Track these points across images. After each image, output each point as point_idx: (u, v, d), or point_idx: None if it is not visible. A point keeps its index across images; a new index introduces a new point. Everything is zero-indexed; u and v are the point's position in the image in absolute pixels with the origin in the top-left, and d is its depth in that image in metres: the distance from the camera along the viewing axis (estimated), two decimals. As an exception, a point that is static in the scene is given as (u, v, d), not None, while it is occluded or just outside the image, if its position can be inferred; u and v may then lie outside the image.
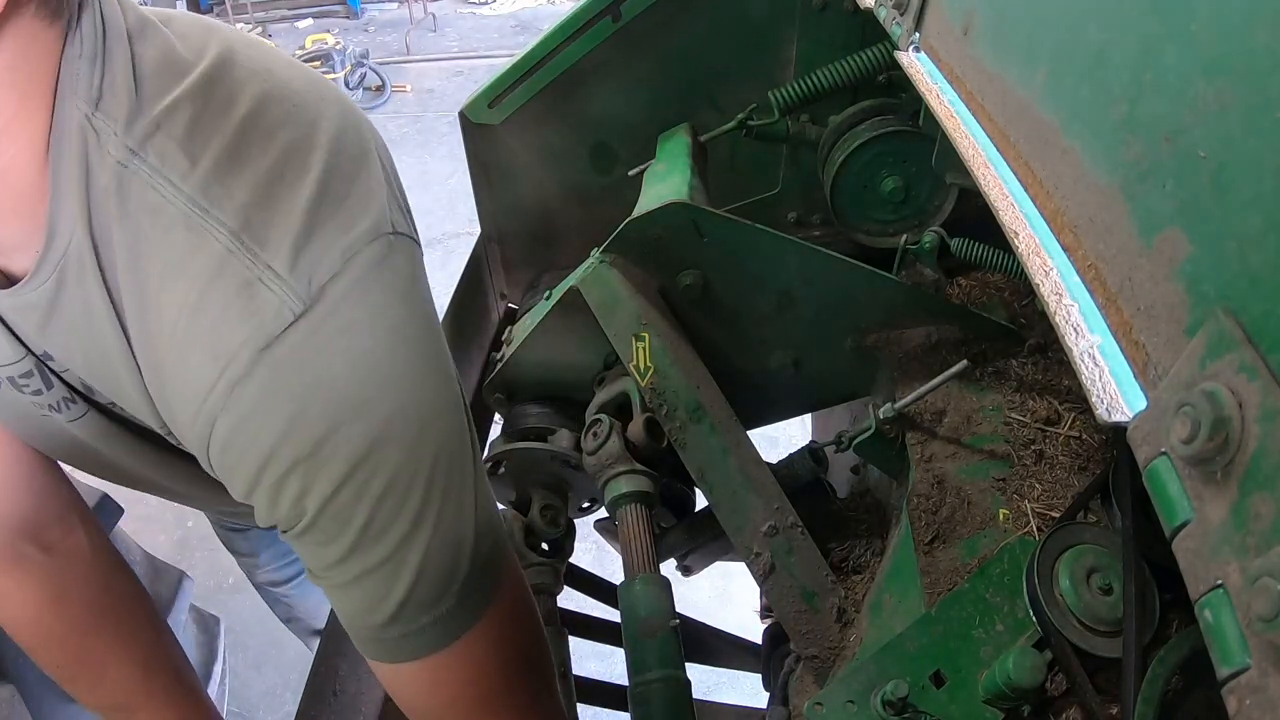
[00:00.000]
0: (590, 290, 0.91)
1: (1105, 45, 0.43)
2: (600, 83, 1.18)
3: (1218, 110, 0.34)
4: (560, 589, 1.07)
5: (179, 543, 2.69)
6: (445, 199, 4.38)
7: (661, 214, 0.88)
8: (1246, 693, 0.29)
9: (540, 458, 1.02)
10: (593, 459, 0.92)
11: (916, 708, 0.62)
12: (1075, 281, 0.43)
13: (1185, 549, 0.33)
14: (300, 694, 0.85)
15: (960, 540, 0.74)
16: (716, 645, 1.31)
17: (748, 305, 0.93)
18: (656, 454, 0.92)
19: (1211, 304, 0.33)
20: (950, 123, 0.60)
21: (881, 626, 0.74)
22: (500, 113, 1.19)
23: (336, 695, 0.87)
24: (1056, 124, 0.47)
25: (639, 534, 0.85)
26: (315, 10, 6.80)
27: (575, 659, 1.05)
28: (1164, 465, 0.34)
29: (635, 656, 0.76)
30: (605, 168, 1.26)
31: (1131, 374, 0.38)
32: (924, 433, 0.84)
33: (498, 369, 1.05)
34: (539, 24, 6.50)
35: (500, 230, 1.34)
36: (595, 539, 2.42)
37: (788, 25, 1.13)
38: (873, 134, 1.06)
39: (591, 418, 0.95)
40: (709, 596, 2.35)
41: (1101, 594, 0.61)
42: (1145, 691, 0.54)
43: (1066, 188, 0.45)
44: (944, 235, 1.03)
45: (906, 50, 0.72)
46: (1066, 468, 0.77)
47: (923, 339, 0.93)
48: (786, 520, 0.83)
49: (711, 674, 2.12)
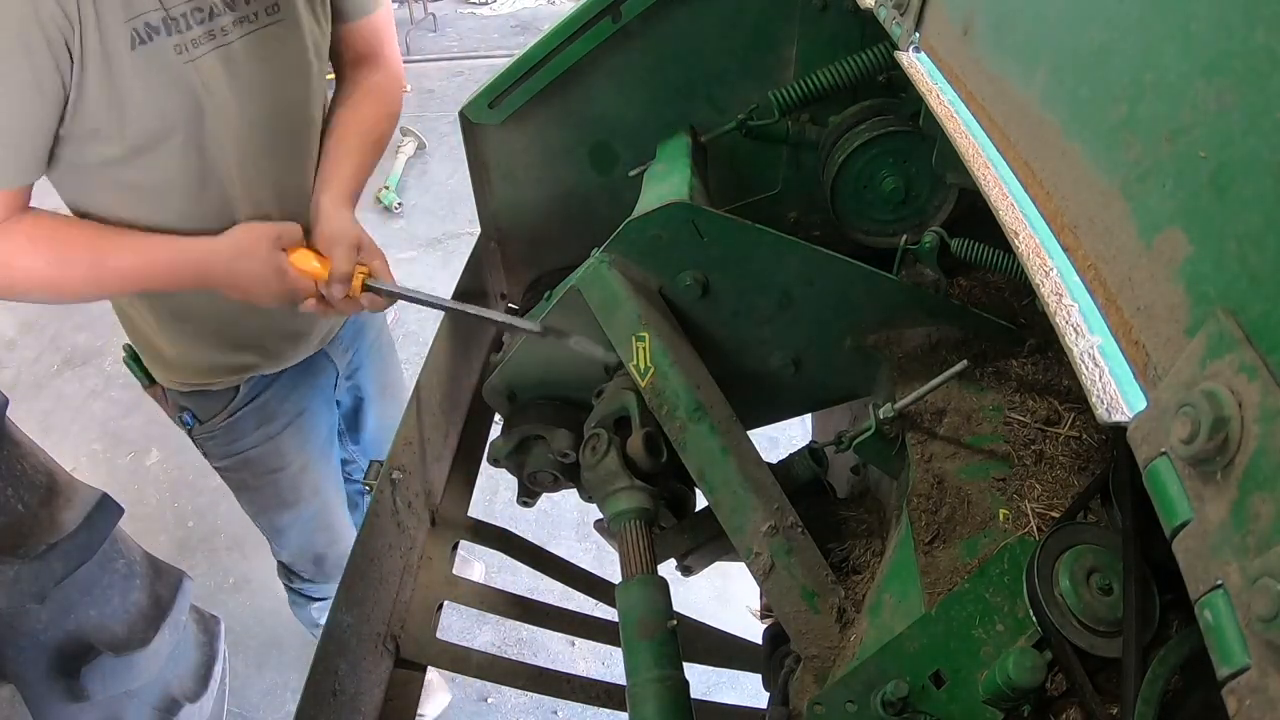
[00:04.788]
0: (590, 290, 0.91)
1: (1105, 45, 0.43)
2: (600, 83, 1.18)
3: (1218, 110, 0.34)
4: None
5: (179, 543, 2.69)
6: (445, 199, 4.38)
7: (661, 214, 0.88)
8: (1246, 693, 0.29)
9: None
10: (591, 474, 0.91)
11: (916, 708, 0.62)
12: (1075, 281, 0.43)
13: (1185, 549, 0.33)
14: (300, 694, 0.85)
15: (960, 540, 0.74)
16: (716, 645, 1.31)
17: (748, 305, 0.93)
18: (655, 469, 0.91)
19: (1211, 304, 0.33)
20: (950, 123, 0.60)
21: (881, 626, 0.74)
22: (500, 113, 1.19)
23: (336, 695, 0.87)
24: (1056, 124, 0.47)
25: (639, 550, 0.85)
26: (315, 10, 6.80)
27: (575, 659, 1.05)
28: (1164, 465, 0.34)
29: (633, 657, 0.76)
30: (605, 168, 1.26)
31: (1131, 374, 0.38)
32: (924, 433, 0.84)
33: (498, 369, 1.05)
34: (539, 24, 6.49)
35: (500, 230, 1.34)
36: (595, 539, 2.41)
37: (788, 25, 1.13)
38: (873, 134, 1.06)
39: (590, 432, 0.94)
40: (709, 596, 2.35)
41: (1101, 594, 0.61)
42: (1145, 691, 0.54)
43: (1066, 188, 0.45)
44: (944, 235, 1.03)
45: (906, 50, 0.72)
46: (1066, 468, 0.77)
47: (923, 339, 0.93)
48: (786, 520, 0.83)
49: (711, 674, 2.12)
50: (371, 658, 0.96)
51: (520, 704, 2.23)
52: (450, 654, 1.10)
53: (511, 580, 2.30)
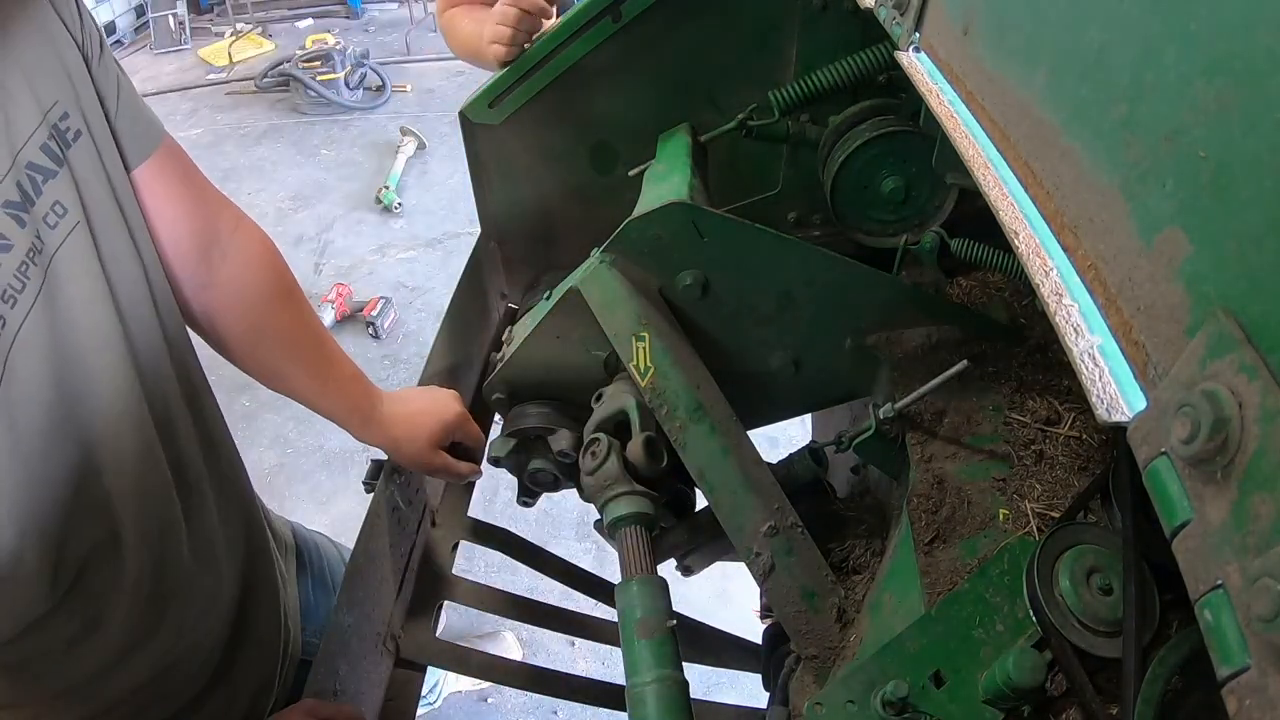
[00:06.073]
0: (590, 290, 0.91)
1: (1105, 45, 0.43)
2: (600, 82, 1.18)
3: (1218, 110, 0.34)
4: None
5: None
6: (445, 199, 4.38)
7: (661, 214, 0.88)
8: (1246, 693, 0.29)
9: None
10: (591, 479, 0.90)
11: (916, 708, 0.62)
12: (1075, 281, 0.43)
13: (1185, 549, 0.33)
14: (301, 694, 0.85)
15: (960, 540, 0.74)
16: (716, 645, 1.31)
17: (748, 305, 0.93)
18: (655, 474, 0.90)
19: (1211, 304, 0.33)
20: (950, 123, 0.60)
21: (881, 626, 0.74)
22: (500, 113, 1.19)
23: (336, 695, 0.87)
24: (1056, 124, 0.47)
25: (639, 556, 0.85)
26: (315, 10, 6.79)
27: (575, 659, 1.05)
28: (1164, 465, 0.34)
29: (632, 657, 0.76)
30: (605, 168, 1.26)
31: (1131, 374, 0.38)
32: (924, 433, 0.84)
33: (498, 369, 1.05)
34: (539, 24, 6.49)
35: (500, 230, 1.34)
36: (595, 539, 2.41)
37: (788, 25, 1.13)
38: (873, 134, 1.06)
39: (590, 436, 0.94)
40: (709, 596, 2.35)
41: (1101, 594, 0.61)
42: (1145, 691, 0.54)
43: (1066, 188, 0.45)
44: (944, 235, 1.03)
45: (906, 50, 0.72)
46: (1066, 468, 0.77)
47: (923, 339, 0.93)
48: (786, 520, 0.83)
49: (711, 674, 2.12)
50: (371, 658, 0.96)
51: (520, 704, 2.23)
52: (450, 654, 1.10)
53: (511, 580, 2.30)
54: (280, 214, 4.35)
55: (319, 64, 5.30)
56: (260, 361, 0.98)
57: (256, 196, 4.50)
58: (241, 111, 5.39)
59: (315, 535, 1.30)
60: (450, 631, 2.34)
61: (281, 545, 1.16)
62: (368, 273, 3.84)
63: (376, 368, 3.33)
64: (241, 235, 0.95)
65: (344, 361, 1.04)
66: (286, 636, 1.06)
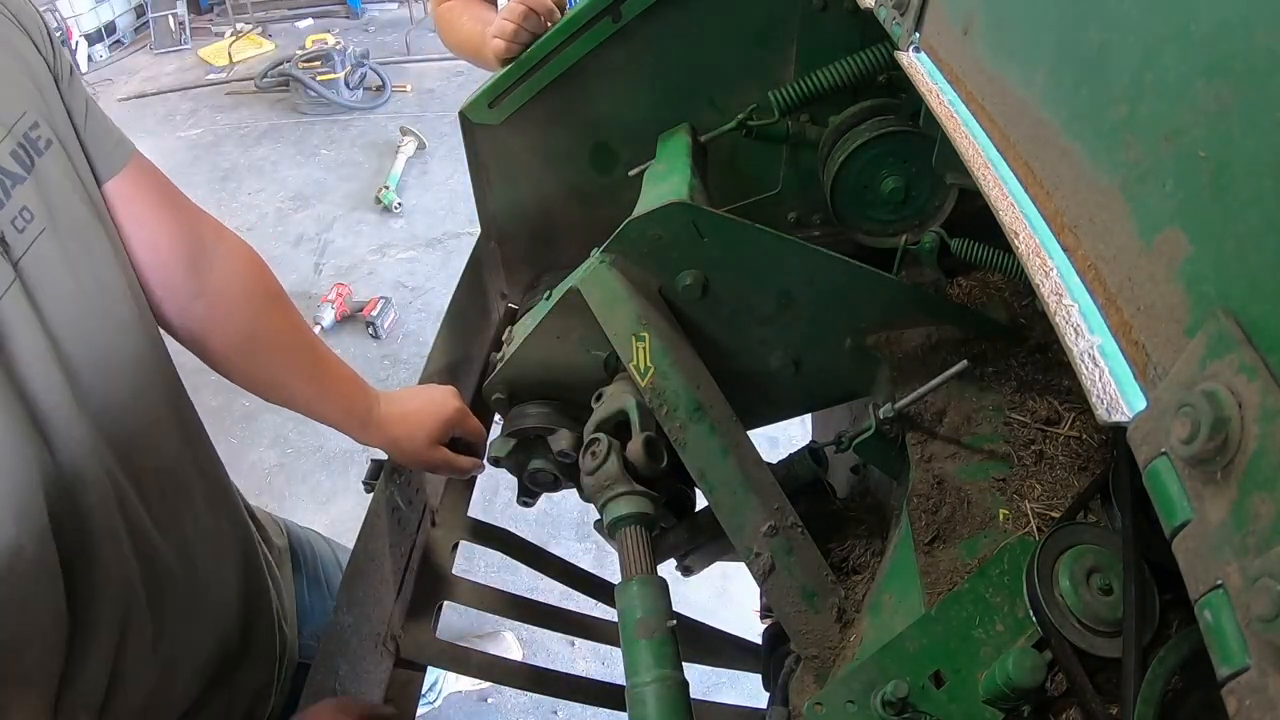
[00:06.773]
0: (590, 290, 0.91)
1: (1105, 45, 0.43)
2: (600, 83, 1.18)
3: (1218, 110, 0.34)
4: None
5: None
6: (445, 199, 4.38)
7: (661, 214, 0.88)
8: (1246, 693, 0.29)
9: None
10: (591, 479, 0.90)
11: (916, 708, 0.62)
12: (1075, 282, 0.43)
13: (1185, 549, 0.33)
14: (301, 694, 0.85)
15: (960, 540, 0.74)
16: (716, 645, 1.31)
17: (748, 305, 0.93)
18: (655, 474, 0.90)
19: (1211, 304, 0.33)
20: (950, 123, 0.60)
21: (881, 626, 0.74)
22: (500, 113, 1.19)
23: (337, 695, 0.87)
24: (1056, 124, 0.47)
25: (639, 556, 0.85)
26: (315, 10, 6.79)
27: (575, 659, 1.05)
28: (1164, 465, 0.34)
29: (632, 657, 0.76)
30: (605, 168, 1.26)
31: (1131, 374, 0.38)
32: (924, 433, 0.84)
33: (498, 369, 1.05)
34: (539, 24, 6.49)
35: (500, 230, 1.34)
36: (595, 539, 2.41)
37: (788, 25, 1.13)
38: (873, 134, 1.06)
39: (590, 436, 0.94)
40: (709, 596, 2.35)
41: (1101, 594, 0.61)
42: (1145, 691, 0.54)
43: (1066, 188, 0.45)
44: (944, 235, 1.03)
45: (906, 50, 0.72)
46: (1066, 468, 0.77)
47: (923, 339, 0.93)
48: (786, 520, 0.83)
49: (711, 674, 2.12)
50: (371, 658, 0.96)
51: (520, 704, 2.23)
52: (450, 654, 1.10)
53: (511, 580, 2.30)
54: (280, 214, 4.35)
55: (319, 64, 5.30)
56: (255, 370, 0.97)
57: (256, 196, 4.50)
58: (241, 111, 5.40)
59: (309, 533, 1.30)
60: (450, 631, 2.34)
61: (274, 549, 1.15)
62: (368, 273, 3.85)
63: (376, 368, 3.33)
64: (225, 244, 0.95)
65: (338, 364, 1.04)
66: (283, 640, 1.06)
